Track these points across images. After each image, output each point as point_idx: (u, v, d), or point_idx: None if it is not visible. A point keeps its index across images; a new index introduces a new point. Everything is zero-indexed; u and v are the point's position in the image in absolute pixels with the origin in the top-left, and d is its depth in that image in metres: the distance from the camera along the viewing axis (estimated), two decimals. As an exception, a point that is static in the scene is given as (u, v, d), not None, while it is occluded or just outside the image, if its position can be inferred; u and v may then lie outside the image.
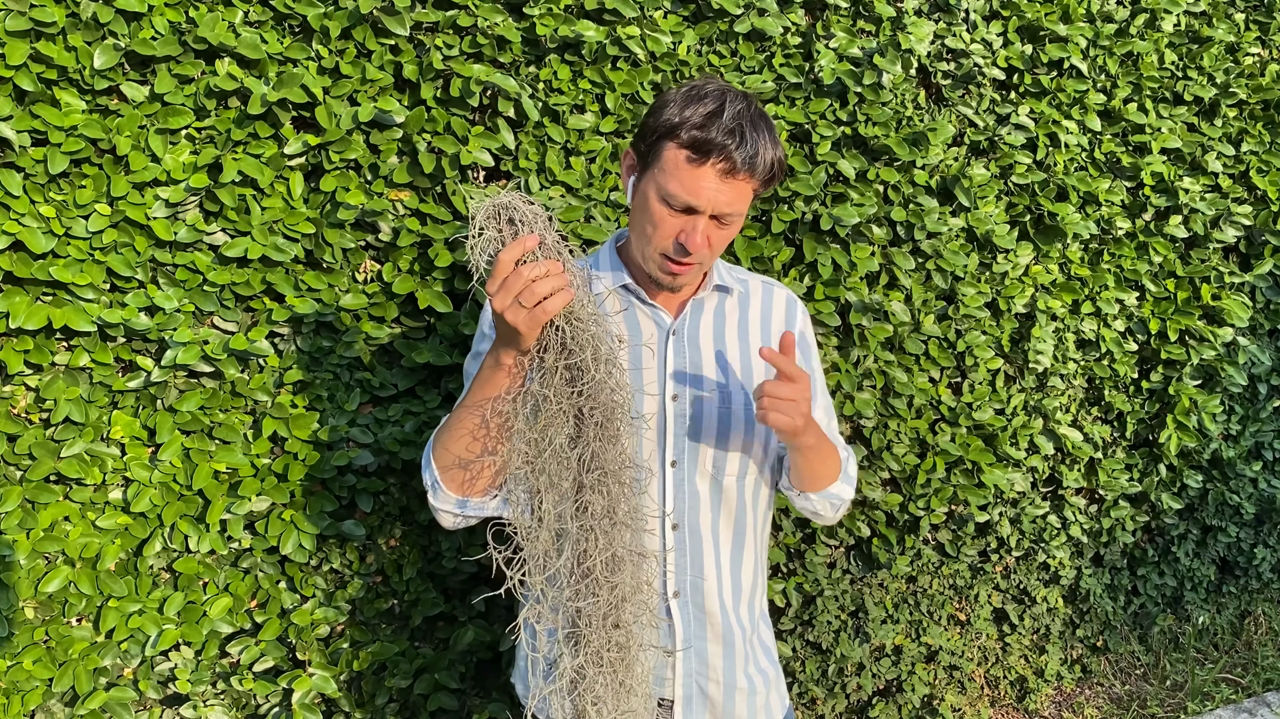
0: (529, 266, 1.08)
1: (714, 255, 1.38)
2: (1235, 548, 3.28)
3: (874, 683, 2.63)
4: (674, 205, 1.31)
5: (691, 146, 1.27)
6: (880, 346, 2.44)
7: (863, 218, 2.28)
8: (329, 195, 1.91)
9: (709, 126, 1.27)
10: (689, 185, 1.28)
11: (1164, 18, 2.72)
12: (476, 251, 1.11)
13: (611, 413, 1.15)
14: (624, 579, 1.18)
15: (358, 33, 1.88)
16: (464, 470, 1.29)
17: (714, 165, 1.27)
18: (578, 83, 2.07)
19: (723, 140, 1.26)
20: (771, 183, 1.36)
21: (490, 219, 1.10)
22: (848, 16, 2.35)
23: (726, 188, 1.29)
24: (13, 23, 1.63)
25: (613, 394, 1.15)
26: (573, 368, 1.14)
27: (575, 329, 1.13)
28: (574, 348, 1.13)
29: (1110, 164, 2.71)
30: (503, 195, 1.11)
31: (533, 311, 1.09)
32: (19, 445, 1.75)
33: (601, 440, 1.15)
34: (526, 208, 1.11)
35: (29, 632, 1.80)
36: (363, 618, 2.06)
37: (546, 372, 1.14)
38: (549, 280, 1.08)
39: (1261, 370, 3.03)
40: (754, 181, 1.32)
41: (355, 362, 1.98)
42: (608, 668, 1.18)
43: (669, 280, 1.38)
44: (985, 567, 2.81)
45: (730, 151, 1.26)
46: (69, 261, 1.73)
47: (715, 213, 1.31)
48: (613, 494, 1.16)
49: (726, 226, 1.35)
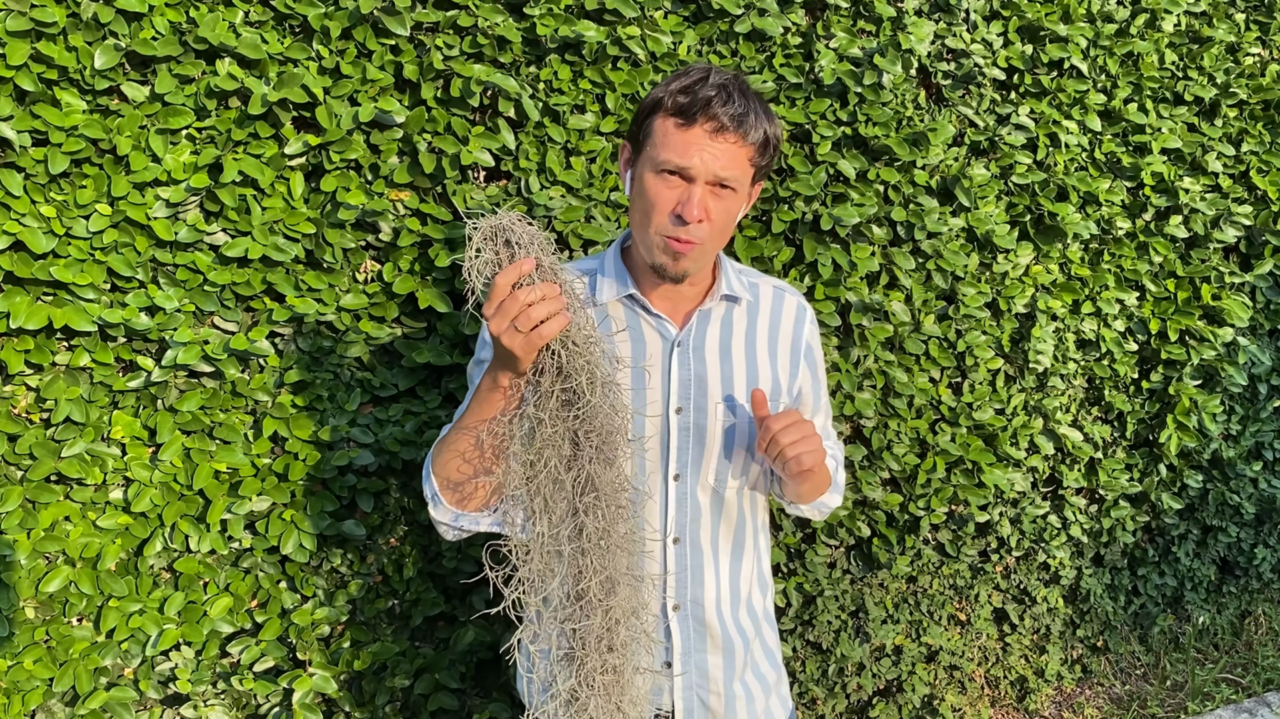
0: (525, 290, 1.08)
1: (715, 235, 1.34)
2: (1235, 548, 3.28)
3: (874, 683, 2.63)
4: (668, 172, 1.30)
5: (678, 111, 1.28)
6: (880, 346, 2.44)
7: (863, 218, 2.28)
8: (329, 195, 1.91)
9: (693, 90, 1.28)
10: (680, 148, 1.28)
11: (1164, 18, 2.72)
12: (473, 273, 1.11)
13: (608, 436, 1.15)
14: (619, 602, 1.18)
15: (358, 33, 1.88)
16: (461, 487, 1.29)
17: (702, 125, 1.27)
18: (578, 83, 2.07)
19: (707, 96, 1.27)
20: (766, 154, 1.35)
21: (487, 240, 1.10)
22: (848, 16, 2.35)
23: (718, 148, 1.28)
24: (13, 23, 1.63)
25: (610, 418, 1.15)
26: (568, 391, 1.14)
27: (571, 353, 1.13)
28: (570, 371, 1.13)
29: (1110, 164, 2.71)
30: (500, 216, 1.11)
31: (529, 336, 1.09)
32: (19, 445, 1.75)
33: (597, 463, 1.15)
34: (523, 229, 1.10)
35: (29, 631, 1.80)
36: (363, 618, 2.06)
37: (542, 394, 1.14)
38: (545, 305, 1.08)
39: (1261, 370, 3.03)
40: (746, 147, 1.31)
41: (355, 362, 1.98)
42: (601, 691, 1.18)
43: (673, 265, 1.34)
44: (985, 567, 2.81)
45: (716, 109, 1.27)
46: (69, 261, 1.73)
47: (710, 178, 1.29)
48: (608, 517, 1.16)
49: (723, 199, 1.32)
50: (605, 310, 1.43)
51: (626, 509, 1.18)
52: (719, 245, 1.38)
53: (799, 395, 1.54)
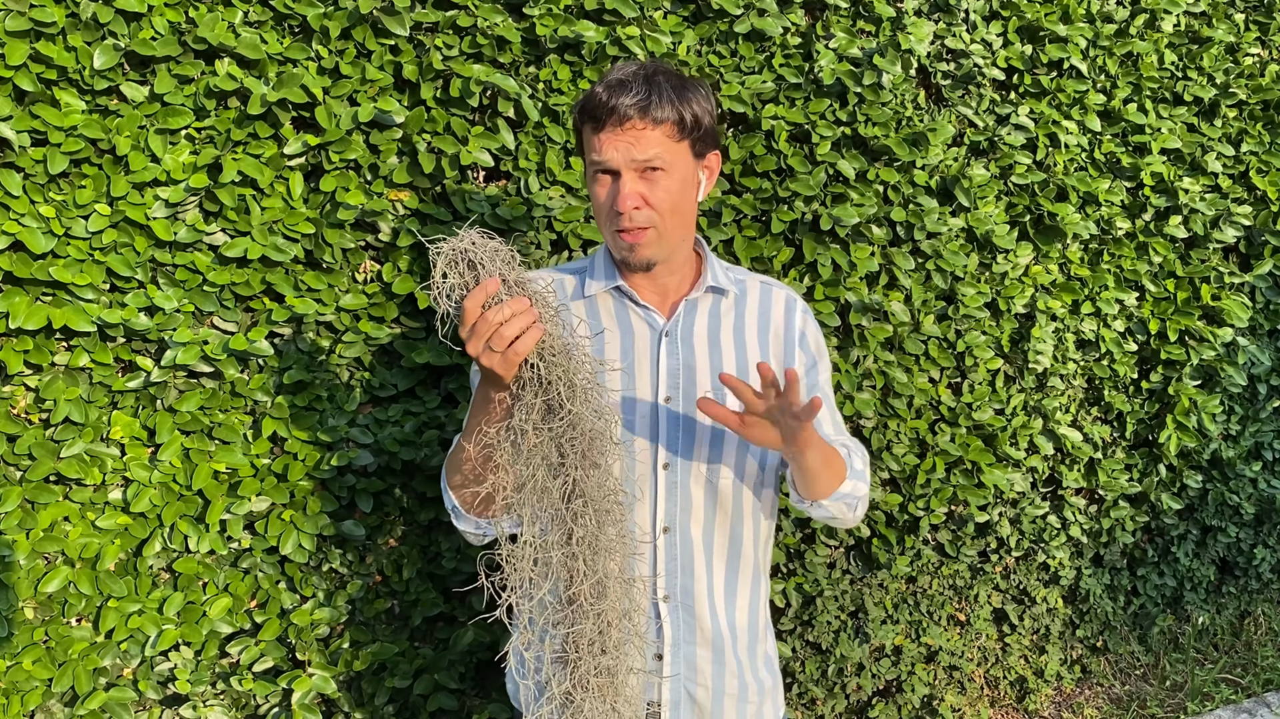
0: (494, 310, 1.10)
1: (666, 215, 1.36)
2: (1235, 548, 3.28)
3: (874, 683, 2.63)
4: (600, 173, 1.35)
5: (589, 117, 1.34)
6: (880, 347, 2.44)
7: (862, 218, 2.28)
8: (329, 195, 1.91)
9: (594, 93, 1.33)
10: (597, 147, 1.33)
11: (1164, 18, 2.72)
12: (442, 299, 1.12)
13: (593, 441, 1.16)
14: (609, 605, 1.19)
15: (357, 33, 1.88)
16: (473, 495, 1.33)
17: (609, 121, 1.32)
18: (577, 83, 2.07)
19: (603, 95, 1.32)
20: (686, 127, 1.36)
21: (451, 265, 1.11)
22: (848, 17, 2.35)
23: (627, 137, 1.32)
24: (13, 23, 1.63)
25: (593, 422, 1.16)
26: (550, 402, 1.16)
27: (549, 364, 1.14)
28: (549, 382, 1.15)
29: (1110, 164, 2.71)
30: (459, 238, 1.12)
31: (505, 355, 1.11)
32: (19, 445, 1.75)
33: (583, 469, 1.16)
34: (484, 246, 1.11)
35: (29, 632, 1.80)
36: (362, 618, 2.06)
37: (525, 406, 1.16)
38: (515, 322, 1.10)
39: (1261, 370, 3.03)
40: (660, 126, 1.33)
41: (355, 362, 1.98)
42: (595, 693, 1.20)
43: (632, 255, 1.37)
44: (985, 567, 2.81)
45: (615, 102, 1.31)
46: (69, 262, 1.73)
47: (631, 165, 1.33)
48: (597, 521, 1.18)
49: (656, 180, 1.34)
50: (595, 302, 1.46)
51: (615, 512, 1.20)
52: (677, 226, 1.39)
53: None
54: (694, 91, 1.38)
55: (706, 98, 1.39)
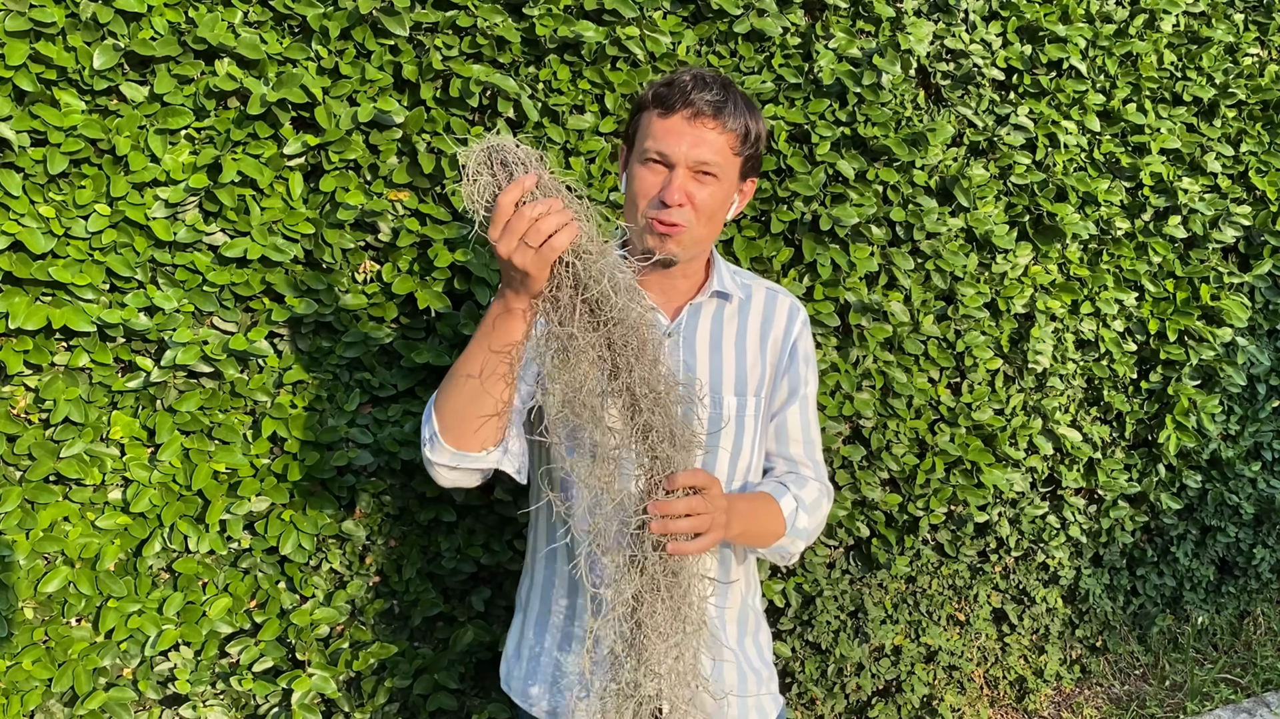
0: (530, 206, 1.07)
1: (702, 221, 1.38)
2: (1234, 548, 3.28)
3: (873, 683, 2.63)
4: (653, 160, 1.36)
5: (659, 102, 1.36)
6: (879, 347, 2.44)
7: (862, 218, 2.28)
8: (328, 195, 1.91)
9: (673, 81, 1.36)
10: (660, 135, 1.35)
11: (1163, 18, 2.72)
12: (473, 199, 1.09)
13: (645, 336, 1.12)
14: None
15: (357, 33, 1.88)
16: (468, 423, 1.26)
17: (681, 112, 1.33)
18: (577, 83, 2.07)
19: (685, 84, 1.34)
20: (748, 145, 1.39)
21: (483, 164, 1.09)
22: (847, 17, 2.35)
23: (696, 134, 1.34)
24: (12, 23, 1.63)
25: (642, 315, 1.12)
26: (591, 300, 1.11)
27: (587, 262, 1.10)
28: (589, 281, 1.10)
29: (1109, 164, 2.71)
30: (492, 138, 1.09)
31: (540, 250, 1.08)
32: (18, 445, 1.75)
33: (643, 363, 1.12)
34: (518, 149, 1.09)
35: (28, 632, 1.80)
36: (362, 618, 2.06)
37: (564, 309, 1.11)
38: (553, 217, 1.07)
39: (1260, 370, 3.03)
40: (726, 134, 1.36)
41: (355, 362, 1.98)
42: (664, 592, 1.16)
43: (660, 246, 1.37)
44: (984, 567, 2.81)
45: (693, 95, 1.33)
46: (68, 262, 1.73)
47: (690, 163, 1.34)
48: (670, 414, 1.14)
49: (706, 185, 1.36)
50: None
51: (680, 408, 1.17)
52: (708, 233, 1.42)
53: (781, 390, 1.55)
54: (759, 115, 1.42)
55: (764, 125, 1.44)
